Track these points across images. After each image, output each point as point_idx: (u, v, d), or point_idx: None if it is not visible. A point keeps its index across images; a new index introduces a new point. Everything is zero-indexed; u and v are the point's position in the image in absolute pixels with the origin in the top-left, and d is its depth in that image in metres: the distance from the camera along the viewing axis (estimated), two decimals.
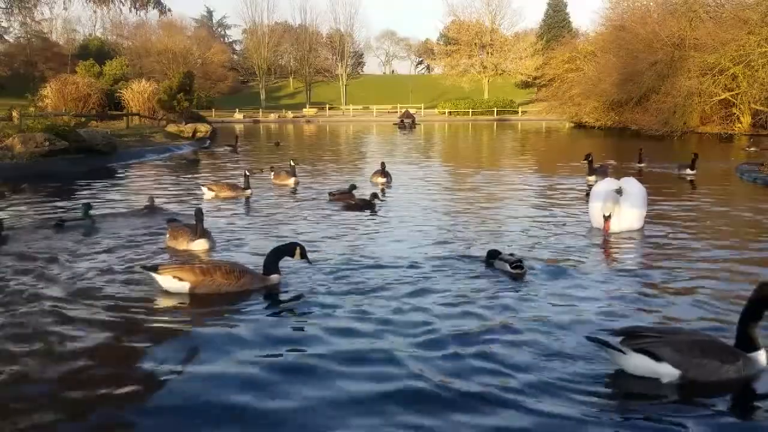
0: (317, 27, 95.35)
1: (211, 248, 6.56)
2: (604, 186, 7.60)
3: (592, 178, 11.76)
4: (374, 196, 9.52)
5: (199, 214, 6.53)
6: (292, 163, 12.86)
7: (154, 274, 4.97)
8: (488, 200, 10.27)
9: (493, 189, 11.62)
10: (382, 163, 12.60)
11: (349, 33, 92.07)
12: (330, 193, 10.22)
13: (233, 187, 10.74)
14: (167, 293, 4.95)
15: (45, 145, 15.50)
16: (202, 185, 10.93)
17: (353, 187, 10.22)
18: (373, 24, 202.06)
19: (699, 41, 30.30)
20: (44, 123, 17.49)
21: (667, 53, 32.20)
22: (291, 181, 12.01)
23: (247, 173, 10.99)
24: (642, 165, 15.45)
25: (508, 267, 5.47)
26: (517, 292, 5.03)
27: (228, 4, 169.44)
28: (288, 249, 5.36)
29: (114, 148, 18.44)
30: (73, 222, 7.90)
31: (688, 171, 13.41)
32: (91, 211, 8.10)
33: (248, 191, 10.61)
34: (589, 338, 3.61)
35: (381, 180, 12.07)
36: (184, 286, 4.91)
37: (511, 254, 5.68)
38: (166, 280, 4.93)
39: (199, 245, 6.49)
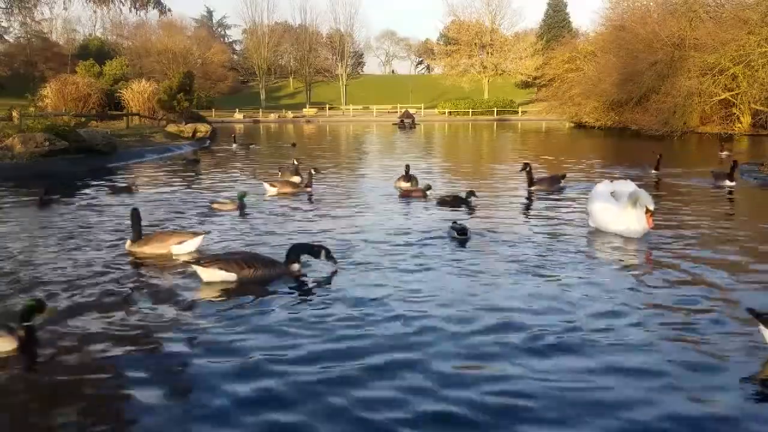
0: (317, 27, 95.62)
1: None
2: (603, 188, 7.54)
3: (534, 188, 11.01)
4: (470, 193, 9.37)
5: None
6: (295, 162, 12.87)
7: (198, 267, 5.29)
8: (495, 197, 10.30)
9: (500, 187, 11.64)
10: (407, 166, 11.71)
11: (349, 33, 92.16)
12: (400, 189, 10.53)
13: (294, 183, 11.12)
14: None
15: (45, 145, 15.50)
16: (264, 182, 11.10)
17: (428, 187, 10.46)
18: (373, 24, 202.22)
19: (699, 41, 30.30)
20: (44, 123, 17.49)
21: (667, 53, 32.20)
22: (296, 180, 11.92)
23: (313, 171, 11.36)
24: (658, 172, 13.25)
25: (455, 234, 6.83)
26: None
27: (228, 4, 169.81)
28: (312, 249, 5.65)
29: (114, 148, 18.45)
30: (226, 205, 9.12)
31: (728, 182, 11.36)
32: (246, 198, 9.11)
33: (309, 188, 10.88)
34: (748, 309, 3.85)
35: (405, 185, 11.08)
36: (231, 276, 5.26)
37: (458, 222, 7.14)
38: (211, 273, 5.26)
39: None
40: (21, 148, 15.12)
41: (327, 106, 76.21)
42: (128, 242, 6.53)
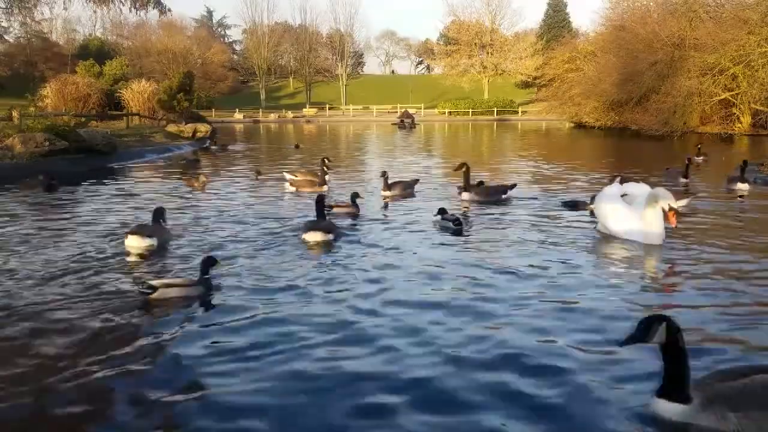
0: (317, 27, 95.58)
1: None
2: (613, 190, 7.37)
3: (465, 195, 9.95)
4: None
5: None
6: (327, 161, 12.10)
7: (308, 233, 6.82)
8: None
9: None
10: (383, 172, 10.76)
11: (349, 33, 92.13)
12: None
13: (313, 182, 11.28)
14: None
15: (45, 145, 15.50)
16: (287, 173, 11.72)
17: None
18: (373, 24, 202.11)
19: (699, 41, 30.30)
20: (44, 123, 17.49)
21: (667, 53, 32.19)
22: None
23: (326, 169, 11.38)
24: (687, 180, 11.90)
25: (451, 224, 7.41)
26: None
27: (228, 4, 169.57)
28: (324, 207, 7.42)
29: (114, 148, 18.44)
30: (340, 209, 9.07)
31: (740, 185, 10.82)
32: (358, 200, 9.01)
33: (324, 187, 10.86)
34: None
35: (387, 194, 10.35)
36: (331, 237, 6.85)
37: (452, 214, 7.70)
38: (315, 234, 6.82)
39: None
40: (21, 148, 15.12)
41: (327, 106, 76.18)
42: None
